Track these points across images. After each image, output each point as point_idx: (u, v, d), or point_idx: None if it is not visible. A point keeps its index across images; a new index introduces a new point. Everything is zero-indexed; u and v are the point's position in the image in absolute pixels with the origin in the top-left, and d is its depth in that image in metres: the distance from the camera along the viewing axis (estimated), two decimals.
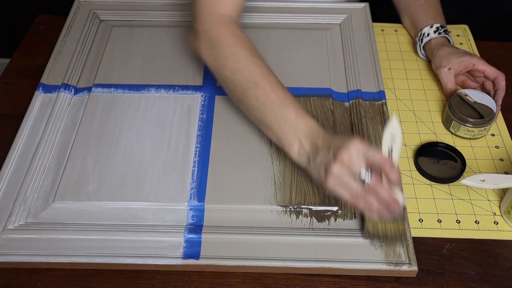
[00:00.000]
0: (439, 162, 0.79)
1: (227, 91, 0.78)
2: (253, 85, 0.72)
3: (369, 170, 0.62)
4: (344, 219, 0.71)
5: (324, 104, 0.85)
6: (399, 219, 0.66)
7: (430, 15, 0.95)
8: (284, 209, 0.72)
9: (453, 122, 0.82)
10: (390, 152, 0.65)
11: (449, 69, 0.87)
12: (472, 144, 0.83)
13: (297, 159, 0.69)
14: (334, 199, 0.72)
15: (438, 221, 0.73)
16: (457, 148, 0.81)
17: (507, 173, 0.79)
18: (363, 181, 0.62)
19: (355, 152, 0.62)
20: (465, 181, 0.68)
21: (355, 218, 0.71)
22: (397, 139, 0.65)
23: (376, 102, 0.85)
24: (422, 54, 0.96)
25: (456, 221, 0.73)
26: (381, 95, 0.86)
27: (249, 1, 1.03)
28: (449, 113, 0.82)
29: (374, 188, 0.62)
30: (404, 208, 0.65)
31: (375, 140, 0.80)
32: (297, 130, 0.68)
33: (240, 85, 0.73)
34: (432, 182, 0.77)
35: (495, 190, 0.77)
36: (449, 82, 0.87)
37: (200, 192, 0.73)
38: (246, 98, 0.73)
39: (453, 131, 0.83)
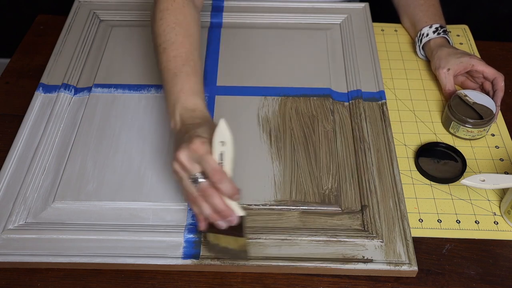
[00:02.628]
0: (439, 162, 0.79)
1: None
2: (162, 51, 0.75)
3: (203, 176, 0.61)
4: (344, 219, 0.71)
5: (324, 104, 0.85)
6: (239, 230, 0.63)
7: (429, 15, 0.95)
8: (284, 209, 0.72)
9: (453, 122, 0.82)
10: (222, 160, 0.61)
11: (448, 69, 0.87)
12: (472, 144, 0.83)
13: (171, 130, 0.70)
14: (334, 199, 0.72)
15: (438, 221, 0.73)
16: (457, 148, 0.81)
17: (507, 173, 0.79)
18: (195, 182, 0.61)
19: (188, 155, 0.61)
20: (465, 181, 0.68)
21: (355, 218, 0.71)
22: (227, 146, 0.60)
23: (376, 102, 0.85)
24: (422, 54, 0.96)
25: (456, 221, 0.73)
26: (381, 95, 0.87)
27: (249, 1, 1.03)
28: (449, 114, 0.82)
29: (205, 193, 0.61)
30: (242, 221, 0.63)
31: (374, 140, 0.80)
32: (176, 105, 0.69)
33: (155, 49, 0.77)
34: (432, 182, 0.77)
35: (495, 190, 0.77)
36: (448, 83, 0.87)
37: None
38: (157, 61, 0.76)
39: (452, 131, 0.83)
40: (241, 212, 0.62)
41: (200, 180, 0.61)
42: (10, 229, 0.69)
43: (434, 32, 0.92)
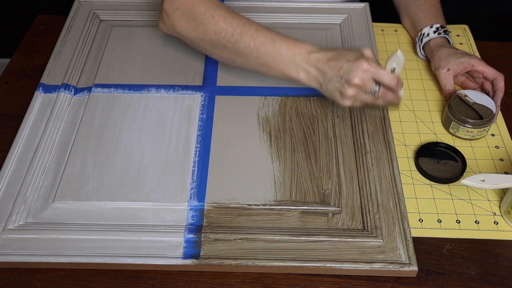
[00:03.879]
0: (439, 162, 0.79)
1: (217, 55, 0.83)
2: (239, 37, 0.77)
3: (378, 85, 0.73)
4: (344, 219, 0.71)
5: (324, 104, 0.85)
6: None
7: (430, 15, 0.95)
8: (284, 209, 0.72)
9: (453, 122, 0.82)
10: (393, 71, 0.74)
11: (448, 70, 0.87)
12: (472, 144, 0.83)
13: (308, 84, 0.77)
14: (334, 199, 0.72)
15: (438, 221, 0.73)
16: (457, 148, 0.81)
17: (507, 173, 0.79)
18: (375, 93, 0.73)
19: (365, 75, 0.71)
20: (465, 181, 0.68)
21: (355, 218, 0.71)
22: (400, 64, 0.74)
23: None
24: (422, 54, 0.96)
25: (456, 221, 0.73)
26: None
27: (249, 1, 1.03)
28: (449, 114, 0.82)
29: (383, 96, 0.74)
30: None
31: (374, 140, 0.80)
32: (296, 60, 0.75)
33: (228, 41, 0.78)
34: (432, 182, 0.77)
35: (495, 190, 0.77)
36: (448, 83, 0.87)
37: (200, 192, 0.73)
38: (239, 50, 0.78)
39: (452, 131, 0.83)
40: (402, 93, 0.77)
41: (377, 89, 0.73)
42: (10, 229, 0.69)
43: (434, 32, 0.92)
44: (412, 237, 0.70)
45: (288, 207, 0.72)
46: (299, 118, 0.83)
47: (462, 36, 1.02)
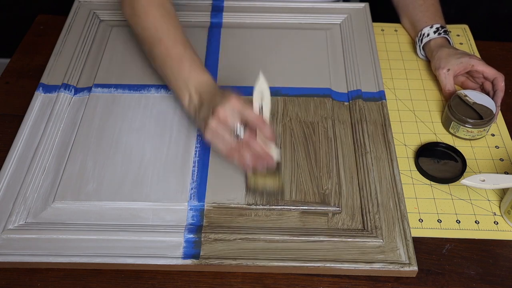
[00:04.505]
0: (439, 162, 0.79)
1: (141, 47, 0.86)
2: (157, 42, 0.79)
3: (243, 126, 0.69)
4: (344, 219, 0.71)
5: (324, 104, 0.85)
6: (276, 173, 0.73)
7: (429, 15, 0.95)
8: (284, 209, 0.72)
9: (453, 122, 0.82)
10: (261, 109, 0.70)
11: (448, 70, 0.87)
12: (472, 144, 0.83)
13: (187, 110, 0.77)
14: (334, 199, 0.72)
15: (438, 221, 0.73)
16: (457, 148, 0.81)
17: (507, 173, 0.79)
18: (238, 136, 0.69)
19: (230, 109, 0.68)
20: (465, 181, 0.68)
21: (355, 218, 0.71)
22: (265, 96, 0.70)
23: (376, 102, 0.85)
24: (422, 54, 0.96)
25: (456, 221, 0.73)
26: (381, 95, 0.87)
27: (249, 1, 1.03)
28: (449, 114, 0.82)
29: (248, 143, 0.69)
30: (278, 162, 0.73)
31: (374, 140, 0.80)
32: (189, 84, 0.76)
33: (148, 41, 0.80)
34: (432, 182, 0.77)
35: (495, 190, 0.77)
36: (448, 83, 0.87)
37: (200, 192, 0.73)
38: (152, 53, 0.81)
39: (452, 131, 0.83)
40: (276, 153, 0.71)
41: (241, 131, 0.69)
42: (10, 229, 0.69)
43: (435, 32, 0.92)
44: (412, 237, 0.70)
45: (288, 207, 0.72)
46: (299, 118, 0.83)
47: (462, 36, 1.02)
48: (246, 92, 0.87)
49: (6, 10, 1.69)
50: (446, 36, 0.92)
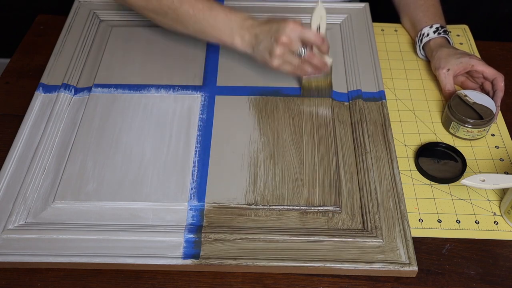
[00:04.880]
0: (439, 162, 0.79)
1: (160, 21, 0.86)
2: (179, 4, 0.81)
3: (304, 46, 0.77)
4: (344, 219, 0.71)
5: (324, 104, 0.85)
6: (328, 75, 0.84)
7: (429, 15, 0.95)
8: (284, 209, 0.72)
9: (453, 123, 0.82)
10: (318, 29, 0.79)
11: (448, 70, 0.87)
12: (472, 144, 0.83)
13: (242, 49, 0.81)
14: (334, 199, 0.72)
15: (438, 221, 0.73)
16: (457, 148, 0.81)
17: (507, 173, 0.79)
18: (300, 56, 0.77)
19: (292, 34, 0.75)
20: (465, 181, 0.68)
21: (355, 218, 0.71)
22: (323, 19, 0.79)
23: (376, 102, 0.85)
24: (422, 54, 0.96)
25: (456, 221, 0.73)
26: (381, 95, 0.87)
27: (249, 1, 1.03)
28: (449, 114, 0.82)
29: (309, 59, 0.78)
30: (331, 67, 0.82)
31: (374, 140, 0.80)
32: (232, 26, 0.79)
33: (169, 8, 0.82)
34: (432, 182, 0.77)
35: (495, 190, 0.77)
36: (448, 83, 0.87)
37: (200, 192, 0.73)
38: (179, 17, 0.82)
39: (452, 131, 0.83)
40: (330, 61, 0.81)
41: (303, 51, 0.77)
42: (10, 229, 0.69)
43: (434, 32, 0.92)
44: (412, 237, 0.70)
45: (288, 207, 0.72)
46: (300, 118, 0.83)
47: (462, 36, 1.02)
48: (246, 92, 0.87)
49: (6, 10, 1.69)
50: (446, 36, 0.92)
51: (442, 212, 0.74)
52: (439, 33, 0.92)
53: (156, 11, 0.83)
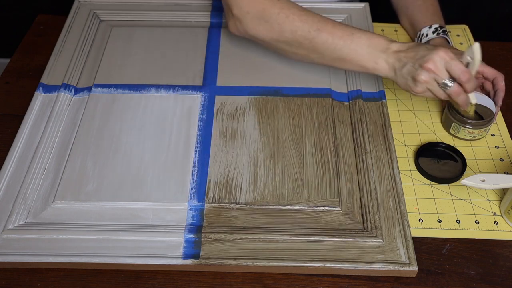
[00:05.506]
0: (439, 162, 0.79)
1: (292, 53, 0.83)
2: (317, 33, 0.79)
3: (451, 80, 0.72)
4: (344, 219, 0.71)
5: (324, 104, 0.85)
6: (470, 109, 0.79)
7: (428, 15, 0.95)
8: (284, 209, 0.72)
9: (453, 124, 0.82)
10: (468, 66, 0.73)
11: None
12: (472, 144, 0.83)
13: (384, 73, 0.77)
14: (334, 200, 0.72)
15: (438, 221, 0.73)
16: (457, 148, 0.81)
17: (507, 173, 0.79)
18: (444, 86, 0.72)
19: (440, 62, 0.71)
20: (465, 181, 0.68)
21: (355, 218, 0.71)
22: (476, 59, 0.72)
23: (376, 102, 0.85)
24: None
25: (456, 221, 0.73)
26: (381, 95, 0.87)
27: None
28: (449, 115, 0.82)
29: (456, 94, 0.73)
30: (474, 106, 0.78)
31: (374, 140, 0.80)
32: (375, 50, 0.77)
33: (305, 38, 0.79)
34: (432, 182, 0.77)
35: (495, 190, 0.77)
36: None
37: (200, 192, 0.73)
38: (316, 46, 0.80)
39: (453, 133, 0.83)
40: (474, 101, 0.76)
41: (450, 84, 0.72)
42: (10, 229, 0.69)
43: (433, 32, 0.92)
44: (412, 237, 0.70)
45: (288, 207, 0.72)
46: (300, 118, 0.83)
47: (462, 36, 1.02)
48: (246, 92, 0.87)
49: (6, 10, 1.69)
50: (445, 37, 0.92)
51: (442, 212, 0.74)
52: (438, 34, 0.92)
53: (290, 42, 0.81)
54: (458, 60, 0.71)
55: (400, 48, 0.76)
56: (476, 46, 0.71)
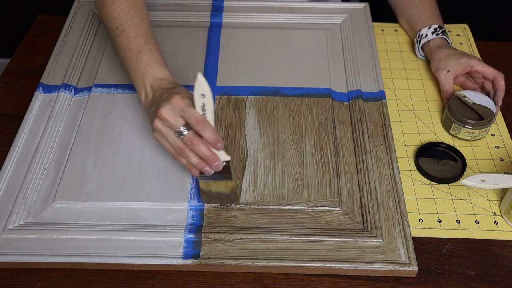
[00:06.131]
0: (439, 162, 0.79)
1: (109, 39, 0.86)
2: (120, 33, 0.79)
3: (186, 127, 0.66)
4: (344, 219, 0.71)
5: (324, 104, 0.85)
6: (228, 176, 0.69)
7: (426, 16, 0.95)
8: (284, 209, 0.72)
9: (454, 124, 0.82)
10: (204, 111, 0.65)
11: (448, 71, 0.87)
12: (472, 144, 0.83)
13: (143, 106, 0.76)
14: (334, 200, 0.72)
15: (438, 221, 0.73)
16: (457, 148, 0.81)
17: (507, 173, 0.79)
18: (180, 136, 0.66)
19: (170, 109, 0.66)
20: (465, 181, 0.68)
21: (355, 218, 0.71)
22: (207, 97, 0.63)
23: (376, 102, 0.85)
24: (421, 55, 0.96)
25: (456, 221, 0.73)
26: (381, 95, 0.87)
27: (249, 1, 1.03)
28: (449, 115, 0.82)
29: (191, 143, 0.66)
30: (227, 165, 0.68)
31: (374, 140, 0.80)
32: (145, 79, 0.74)
33: (111, 31, 0.81)
34: (432, 182, 0.77)
35: (495, 190, 0.77)
36: (447, 84, 0.87)
37: (200, 192, 0.73)
38: (115, 44, 0.81)
39: (453, 133, 0.83)
40: (226, 157, 0.67)
41: (184, 132, 0.66)
42: (10, 229, 0.69)
43: (433, 33, 0.92)
44: (412, 237, 0.70)
45: (288, 207, 0.72)
46: (300, 118, 0.83)
47: (462, 36, 1.02)
48: (246, 92, 0.87)
49: (6, 10, 1.69)
50: (444, 37, 0.92)
51: (442, 212, 0.74)
52: (437, 34, 0.92)
53: (105, 27, 0.84)
54: (192, 108, 0.64)
55: (161, 88, 0.72)
56: (200, 77, 0.61)
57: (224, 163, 0.67)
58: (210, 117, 0.65)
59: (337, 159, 0.77)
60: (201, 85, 0.62)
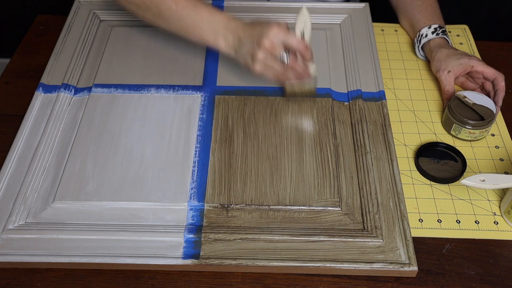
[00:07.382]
0: (439, 162, 0.79)
1: (141, 16, 0.84)
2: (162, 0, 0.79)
3: (287, 52, 0.75)
4: (344, 219, 0.71)
5: (324, 104, 0.85)
6: (311, 82, 0.82)
7: (427, 16, 0.95)
8: (284, 209, 0.72)
9: (454, 125, 0.82)
10: (303, 36, 0.77)
11: (449, 72, 0.87)
12: (472, 144, 0.83)
13: (225, 51, 0.78)
14: (334, 200, 0.72)
15: (438, 221, 0.73)
16: (457, 148, 0.81)
17: (507, 173, 0.79)
18: (282, 61, 0.75)
19: (275, 38, 0.73)
20: (465, 181, 0.68)
21: (355, 218, 0.71)
22: (307, 25, 0.76)
23: (376, 102, 0.85)
24: (421, 55, 0.96)
25: (456, 221, 0.73)
26: (381, 95, 0.87)
27: (249, 1, 1.03)
28: (449, 116, 0.82)
29: (292, 66, 0.75)
30: (315, 76, 0.80)
31: (374, 140, 0.80)
32: (215, 26, 0.77)
33: (151, 2, 0.80)
34: (432, 182, 0.77)
35: (495, 190, 0.77)
36: (448, 85, 0.87)
37: (200, 192, 0.73)
38: (161, 12, 0.80)
39: (454, 134, 0.83)
40: (313, 65, 0.79)
41: (285, 56, 0.75)
42: (10, 229, 0.69)
43: (433, 32, 0.92)
44: (412, 237, 0.70)
45: (289, 207, 0.72)
46: (299, 118, 0.83)
47: (462, 36, 1.02)
48: (246, 92, 0.87)
49: (6, 10, 1.69)
50: (445, 37, 0.92)
51: (442, 212, 0.74)
52: (437, 34, 0.92)
53: (138, 4, 0.82)
54: (292, 33, 0.74)
55: (239, 26, 0.76)
56: (304, 11, 0.75)
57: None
58: (308, 39, 0.77)
59: (337, 159, 0.77)
60: (305, 16, 0.76)
